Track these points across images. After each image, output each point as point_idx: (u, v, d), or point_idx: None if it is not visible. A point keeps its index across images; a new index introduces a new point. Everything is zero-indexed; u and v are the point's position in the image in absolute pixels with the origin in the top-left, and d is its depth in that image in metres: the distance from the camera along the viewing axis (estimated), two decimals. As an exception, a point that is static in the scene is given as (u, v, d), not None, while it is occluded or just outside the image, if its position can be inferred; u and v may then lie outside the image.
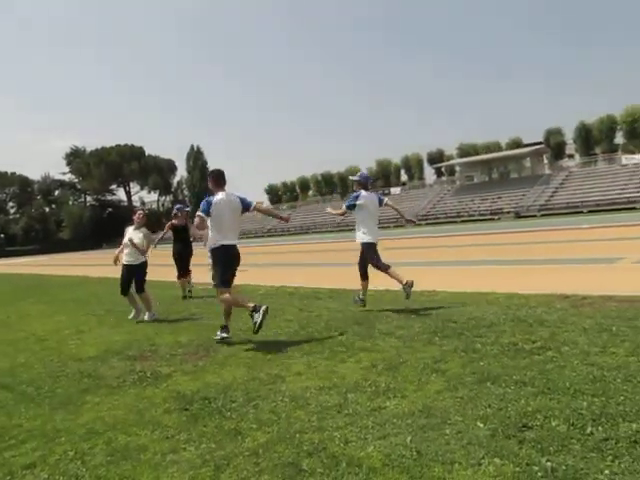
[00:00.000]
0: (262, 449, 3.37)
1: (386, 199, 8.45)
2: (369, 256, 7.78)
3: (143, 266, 8.98)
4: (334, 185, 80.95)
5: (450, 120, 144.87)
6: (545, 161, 62.47)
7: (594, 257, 12.22)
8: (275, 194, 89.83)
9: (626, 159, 52.57)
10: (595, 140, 60.71)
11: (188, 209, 12.49)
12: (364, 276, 7.99)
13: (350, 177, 9.01)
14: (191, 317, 8.73)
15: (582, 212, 43.60)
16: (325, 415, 3.80)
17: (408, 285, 7.47)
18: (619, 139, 60.44)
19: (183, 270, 11.82)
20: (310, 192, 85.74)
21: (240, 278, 7.29)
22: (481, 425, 3.38)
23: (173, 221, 11.95)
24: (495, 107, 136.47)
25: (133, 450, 3.55)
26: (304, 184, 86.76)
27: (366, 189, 8.06)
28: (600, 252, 13.32)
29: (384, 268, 7.70)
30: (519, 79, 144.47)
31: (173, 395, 4.60)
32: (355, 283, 8.25)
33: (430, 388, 4.13)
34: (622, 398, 3.57)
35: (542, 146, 61.58)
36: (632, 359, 4.35)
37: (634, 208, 41.24)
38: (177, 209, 12.24)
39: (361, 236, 7.89)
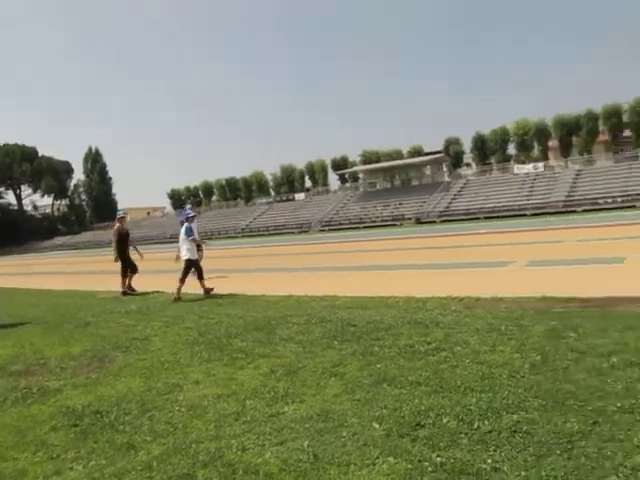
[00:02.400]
0: (156, 462, 3.27)
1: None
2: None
3: None
4: (238, 190, 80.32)
5: (355, 127, 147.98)
6: (445, 169, 64.94)
7: (488, 261, 12.84)
8: (178, 199, 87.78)
9: (517, 169, 55.78)
10: (490, 150, 63.99)
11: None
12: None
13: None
14: (87, 324, 8.34)
15: (479, 218, 45.70)
16: (223, 423, 3.75)
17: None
18: (511, 150, 64.09)
19: (132, 267, 12.56)
20: (214, 197, 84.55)
21: (150, 285, 7.05)
22: (377, 426, 3.46)
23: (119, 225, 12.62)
24: (398, 116, 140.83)
25: (9, 477, 3.31)
26: (208, 189, 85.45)
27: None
28: (494, 256, 14.00)
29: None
30: (423, 90, 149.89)
31: (62, 411, 4.37)
32: (254, 288, 8.22)
33: (328, 392, 4.17)
34: (506, 392, 3.77)
35: (442, 155, 64.08)
36: (516, 356, 4.61)
37: (525, 215, 43.76)
38: (124, 214, 13.29)
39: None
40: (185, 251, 10.92)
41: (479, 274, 10.81)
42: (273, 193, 78.53)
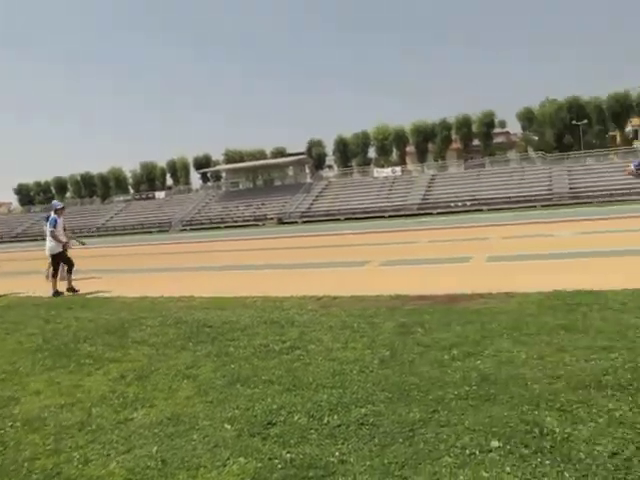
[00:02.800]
0: (-22, 489, 2.99)
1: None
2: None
3: None
4: (94, 187, 76.27)
5: (220, 125, 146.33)
6: (307, 170, 66.21)
7: (347, 261, 13.27)
8: (26, 195, 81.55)
9: (377, 172, 58.26)
10: (352, 153, 66.25)
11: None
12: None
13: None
14: None
15: (340, 219, 47.08)
16: (64, 435, 3.52)
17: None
18: (372, 153, 66.77)
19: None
20: (68, 194, 79.51)
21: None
22: (228, 427, 3.42)
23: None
24: (263, 115, 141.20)
25: None
26: (61, 185, 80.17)
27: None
28: (352, 256, 14.48)
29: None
30: (290, 91, 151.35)
31: None
32: (108, 289, 7.85)
33: (180, 395, 4.07)
34: (356, 387, 3.90)
35: (304, 156, 65.28)
36: (367, 352, 4.79)
37: (383, 216, 45.75)
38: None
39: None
40: (47, 245, 10.83)
41: (338, 274, 11.13)
42: (132, 191, 75.50)
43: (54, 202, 12.25)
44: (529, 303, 6.35)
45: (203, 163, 72.26)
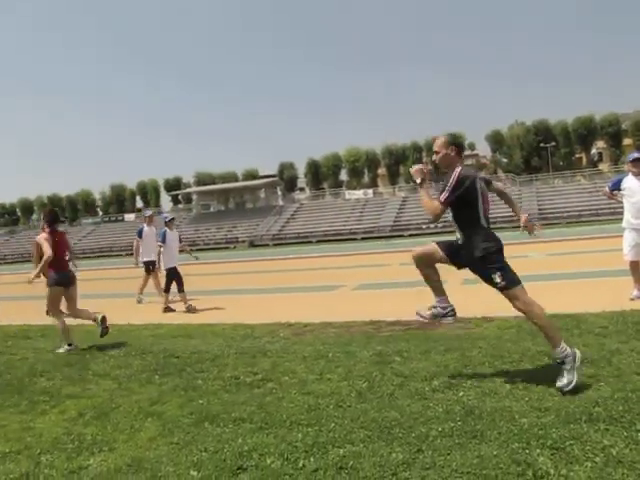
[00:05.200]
0: None
1: None
2: None
3: None
4: (62, 209, 74.82)
5: (191, 147, 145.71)
6: (279, 193, 66.12)
7: (319, 285, 13.01)
8: (-11, 217, 79.57)
9: (349, 194, 58.40)
10: (323, 175, 66.32)
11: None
12: None
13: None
14: None
15: (311, 242, 46.88)
16: (5, 490, 3.16)
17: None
18: (344, 176, 66.98)
19: None
20: (34, 216, 77.76)
21: None
22: (194, 473, 3.12)
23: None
24: (234, 138, 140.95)
25: None
26: (27, 207, 78.42)
27: None
28: (324, 280, 14.24)
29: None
30: (261, 113, 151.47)
31: None
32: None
33: (143, 436, 3.74)
34: (333, 425, 3.63)
35: (276, 179, 65.20)
36: (344, 384, 4.52)
37: (355, 239, 45.72)
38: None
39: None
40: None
41: (310, 298, 10.87)
42: (101, 213, 74.34)
43: (164, 214, 11.93)
44: (508, 328, 6.17)
45: (174, 185, 71.58)
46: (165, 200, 73.21)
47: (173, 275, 10.27)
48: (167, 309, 10.31)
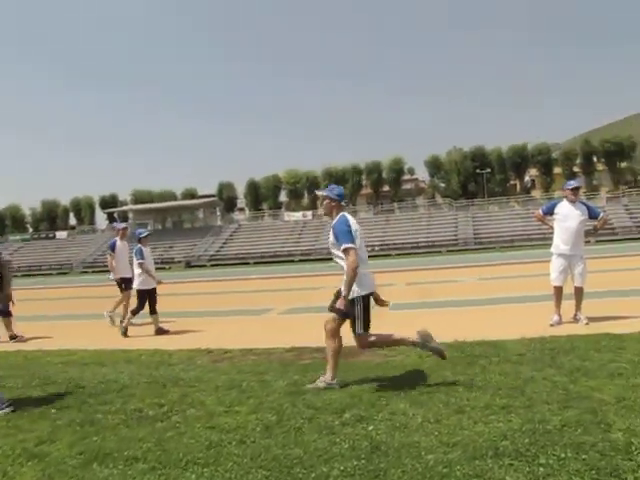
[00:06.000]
0: None
1: None
2: None
3: None
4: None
5: (129, 165, 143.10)
6: (218, 213, 65.43)
7: (250, 308, 12.72)
8: None
9: (288, 216, 58.35)
10: (263, 197, 66.11)
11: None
12: None
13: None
14: None
15: (249, 263, 46.39)
16: None
17: None
18: (283, 197, 66.99)
19: None
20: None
21: None
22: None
23: None
24: (172, 156, 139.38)
25: None
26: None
27: None
28: (256, 303, 13.96)
29: None
30: (202, 132, 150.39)
31: None
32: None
33: (18, 483, 3.39)
34: (231, 464, 3.41)
35: (215, 199, 64.51)
36: (252, 417, 4.30)
37: (292, 261, 45.54)
38: None
39: None
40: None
41: (237, 323, 10.58)
42: (31, 229, 71.53)
43: (139, 230, 11.00)
44: (428, 356, 6.07)
45: (109, 202, 69.76)
46: (100, 218, 71.23)
47: (152, 295, 9.89)
48: (160, 330, 9.81)
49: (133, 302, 10.09)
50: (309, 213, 57.62)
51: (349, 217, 5.33)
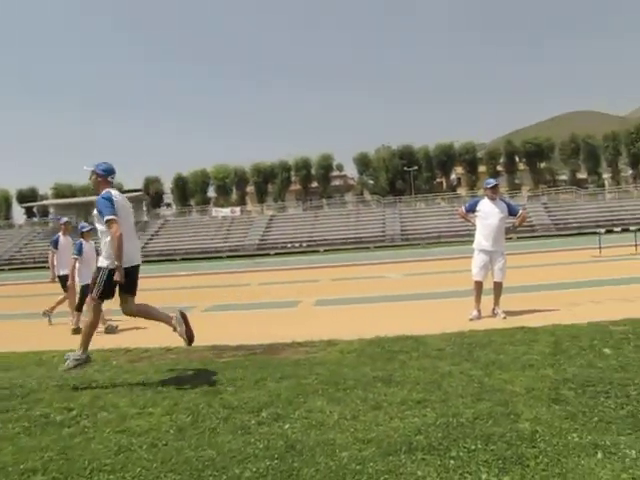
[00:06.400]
0: None
1: None
2: None
3: None
4: None
5: (47, 158, 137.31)
6: (144, 208, 63.83)
7: (172, 306, 12.33)
8: None
9: (216, 212, 57.59)
10: (191, 192, 64.89)
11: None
12: None
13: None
14: None
15: (175, 260, 45.46)
16: None
17: None
18: (212, 193, 65.98)
19: None
20: None
21: None
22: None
23: None
24: (98, 150, 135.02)
25: None
26: None
27: None
28: (179, 301, 13.62)
29: None
30: (123, 126, 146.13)
31: None
32: None
33: None
34: (139, 469, 3.26)
35: (141, 193, 62.88)
36: (165, 419, 4.15)
37: (220, 257, 44.98)
38: None
39: None
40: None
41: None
42: (-64, 224, 67.49)
43: (81, 224, 10.45)
44: (350, 352, 6.11)
45: (28, 196, 66.66)
46: (18, 212, 68.00)
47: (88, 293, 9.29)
48: (78, 330, 9.20)
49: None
50: (237, 209, 57.11)
51: (115, 192, 5.58)
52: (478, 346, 5.97)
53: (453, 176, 67.41)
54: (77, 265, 9.63)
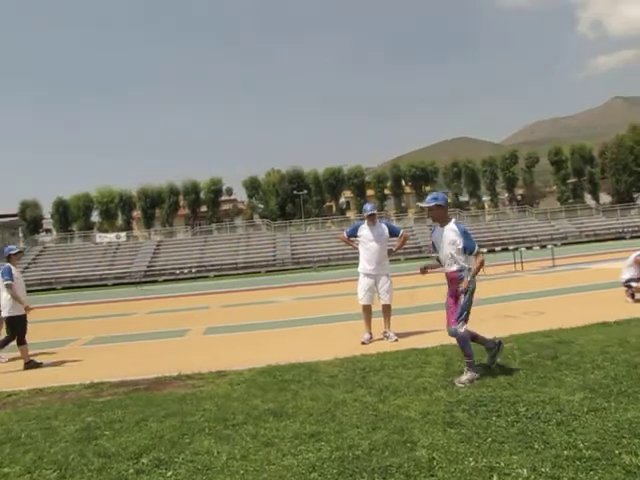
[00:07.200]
0: None
1: None
2: None
3: None
4: None
5: None
6: (20, 234, 59.94)
7: (48, 340, 11.40)
8: None
9: (100, 237, 54.99)
10: (73, 217, 61.39)
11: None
12: None
13: None
14: None
15: (56, 289, 42.77)
16: None
17: None
18: (96, 217, 62.78)
19: None
20: None
21: None
22: None
23: None
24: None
25: None
26: None
27: None
28: (57, 333, 12.64)
29: None
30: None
31: None
32: None
33: None
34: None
35: (16, 218, 59.05)
36: (25, 478, 3.62)
37: (106, 285, 42.86)
38: None
39: None
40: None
41: (33, 357, 9.39)
42: None
43: (8, 246, 8.91)
44: (239, 383, 5.79)
45: None
46: None
47: (23, 322, 8.66)
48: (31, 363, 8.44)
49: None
50: (123, 234, 54.83)
51: None
52: (372, 371, 5.86)
53: (342, 199, 68.70)
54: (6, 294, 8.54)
